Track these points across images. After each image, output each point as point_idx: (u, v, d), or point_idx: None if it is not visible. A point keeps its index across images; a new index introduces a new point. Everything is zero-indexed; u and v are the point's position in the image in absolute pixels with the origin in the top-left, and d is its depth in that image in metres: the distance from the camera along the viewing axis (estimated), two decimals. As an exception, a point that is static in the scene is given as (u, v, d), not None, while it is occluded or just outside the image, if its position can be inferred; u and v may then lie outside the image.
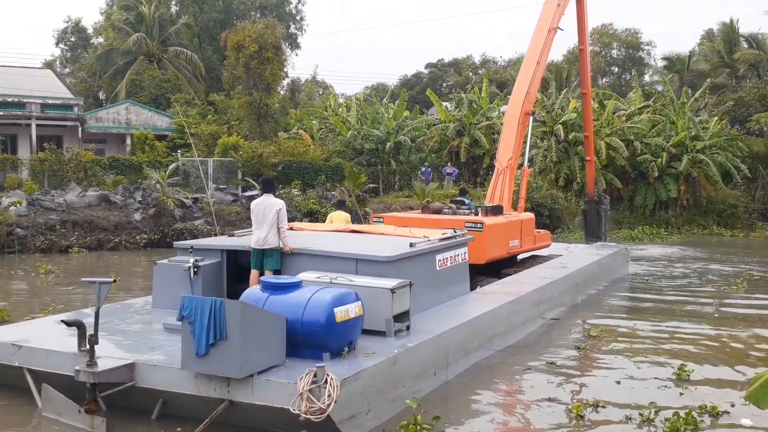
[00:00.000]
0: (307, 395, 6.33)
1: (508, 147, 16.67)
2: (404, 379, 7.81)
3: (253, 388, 6.70)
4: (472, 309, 10.38)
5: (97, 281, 7.41)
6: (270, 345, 6.98)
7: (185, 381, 7.01)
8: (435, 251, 10.52)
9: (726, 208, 31.64)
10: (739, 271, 19.21)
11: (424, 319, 9.22)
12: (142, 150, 35.84)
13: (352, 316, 7.53)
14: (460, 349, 9.22)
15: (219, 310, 6.62)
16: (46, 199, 23.90)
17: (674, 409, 7.65)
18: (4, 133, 35.92)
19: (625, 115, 32.89)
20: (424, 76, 71.49)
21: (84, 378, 7.02)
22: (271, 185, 10.42)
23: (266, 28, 36.88)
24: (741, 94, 39.61)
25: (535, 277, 13.35)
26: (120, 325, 9.16)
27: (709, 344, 11.13)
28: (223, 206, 26.01)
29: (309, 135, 38.79)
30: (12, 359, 7.98)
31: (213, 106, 43.38)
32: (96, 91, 54.62)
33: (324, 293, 7.53)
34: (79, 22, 58.48)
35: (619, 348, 10.79)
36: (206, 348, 6.65)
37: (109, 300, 12.10)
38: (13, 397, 8.08)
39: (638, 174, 31.20)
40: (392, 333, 8.31)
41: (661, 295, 15.50)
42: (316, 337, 7.28)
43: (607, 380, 9.12)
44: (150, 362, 7.37)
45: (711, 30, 58.00)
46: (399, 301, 8.44)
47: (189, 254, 10.06)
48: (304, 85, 65.70)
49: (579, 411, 7.63)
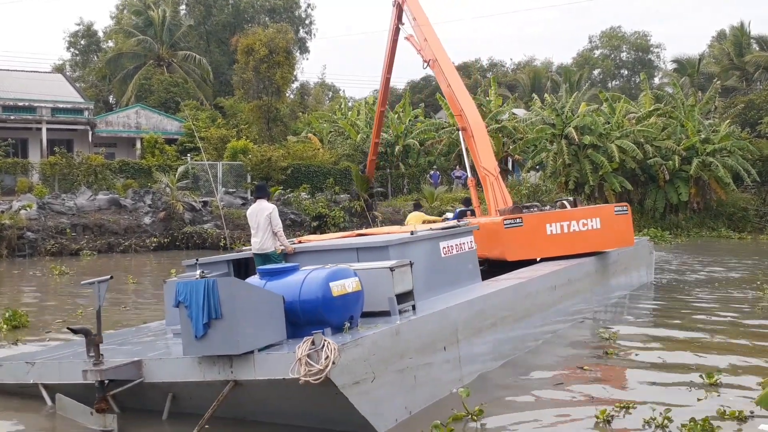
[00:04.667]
0: (306, 360, 6.43)
1: (490, 155, 17.46)
2: (410, 350, 7.79)
3: (255, 365, 6.76)
4: (480, 291, 10.40)
5: (95, 281, 7.50)
6: (268, 323, 7.06)
7: (190, 368, 7.07)
8: (438, 238, 10.57)
9: (736, 211, 31.50)
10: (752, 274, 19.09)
11: (432, 302, 9.23)
12: (152, 154, 35.98)
13: (349, 290, 7.59)
14: (468, 326, 9.20)
15: (212, 289, 6.69)
16: (57, 202, 24.01)
17: (703, 414, 7.58)
18: (15, 137, 36.12)
19: (635, 119, 32.80)
20: (433, 80, 71.44)
21: (92, 377, 7.06)
22: (264, 190, 10.50)
23: (278, 33, 37.01)
24: (751, 97, 39.43)
25: (551, 265, 13.35)
26: (133, 340, 9.31)
27: (738, 347, 11.04)
28: (233, 210, 26.06)
29: (318, 138, 38.86)
30: (27, 377, 8.11)
31: (221, 111, 43.54)
32: (106, 95, 54.95)
33: (319, 271, 7.66)
34: (92, 26, 58.91)
35: (644, 352, 10.74)
36: (204, 329, 6.71)
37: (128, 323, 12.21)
38: (25, 397, 8.15)
39: (648, 177, 31.08)
40: (396, 311, 8.28)
41: (688, 299, 15.39)
42: (315, 313, 7.35)
43: (633, 384, 9.06)
44: (156, 357, 7.50)
45: (723, 31, 57.81)
46: (400, 279, 8.44)
47: (195, 267, 10.11)
48: (313, 88, 65.86)
49: (605, 416, 7.62)
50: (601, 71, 74.90)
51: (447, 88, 18.74)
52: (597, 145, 30.25)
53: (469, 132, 17.72)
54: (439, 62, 19.04)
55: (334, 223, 26.95)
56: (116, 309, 13.87)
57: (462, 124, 18.12)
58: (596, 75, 74.09)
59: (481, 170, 17.37)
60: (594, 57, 75.30)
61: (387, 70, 24.13)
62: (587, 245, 14.34)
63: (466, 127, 17.85)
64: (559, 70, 67.82)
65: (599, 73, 75.00)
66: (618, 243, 14.84)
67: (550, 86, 55.82)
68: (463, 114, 18.03)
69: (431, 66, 19.51)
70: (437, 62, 19.08)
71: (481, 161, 17.32)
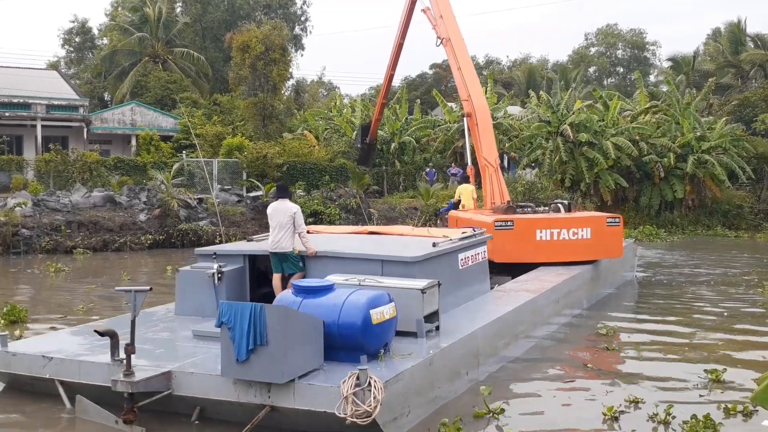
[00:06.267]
0: (352, 398, 6.36)
1: (492, 146, 17.26)
2: (440, 379, 7.82)
3: (294, 394, 6.67)
4: (497, 307, 10.40)
5: (132, 290, 7.34)
6: (308, 349, 6.93)
7: (224, 387, 6.96)
8: (458, 250, 10.56)
9: (731, 209, 31.54)
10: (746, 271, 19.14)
11: (450, 318, 9.20)
12: (147, 151, 35.91)
13: (387, 317, 7.50)
14: (489, 347, 9.25)
15: (259, 315, 6.57)
16: (52, 199, 23.95)
17: (707, 409, 7.61)
18: (10, 134, 35.98)
19: (630, 116, 32.80)
20: (429, 77, 71.43)
21: (122, 388, 6.94)
22: (286, 190, 10.41)
23: (273, 30, 36.93)
24: (747, 95, 39.47)
25: (551, 273, 13.34)
26: (147, 333, 9.03)
27: (738, 343, 11.08)
28: (228, 207, 26.02)
29: (314, 136, 38.80)
30: (43, 371, 7.95)
31: (218, 106, 43.46)
32: (101, 92, 54.77)
33: (359, 295, 7.48)
34: (86, 23, 58.71)
35: (644, 348, 10.79)
36: (247, 354, 6.61)
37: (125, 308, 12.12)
38: (43, 399, 8.03)
39: (643, 174, 31.12)
40: (423, 334, 8.29)
41: (687, 296, 15.41)
42: (353, 339, 7.24)
43: (636, 380, 9.11)
44: (187, 370, 7.32)
45: (718, 29, 57.86)
46: (429, 301, 8.43)
47: (213, 260, 10.03)
48: (309, 85, 65.72)
49: (612, 413, 7.67)
50: (597, 69, 74.93)
51: (457, 71, 18.35)
52: (592, 142, 30.26)
53: (474, 119, 17.47)
54: (452, 42, 18.49)
55: (329, 220, 26.94)
56: (116, 301, 13.85)
57: (468, 109, 17.75)
58: (592, 72, 74.13)
59: (481, 160, 17.24)
60: (590, 54, 75.32)
61: (401, 36, 22.99)
62: (575, 255, 14.25)
63: (472, 113, 17.56)
64: (555, 68, 67.84)
65: (595, 70, 75.04)
66: (606, 254, 14.73)
67: (546, 84, 55.82)
68: (470, 99, 17.74)
69: (444, 45, 18.90)
70: (450, 42, 18.53)
71: (482, 150, 17.16)
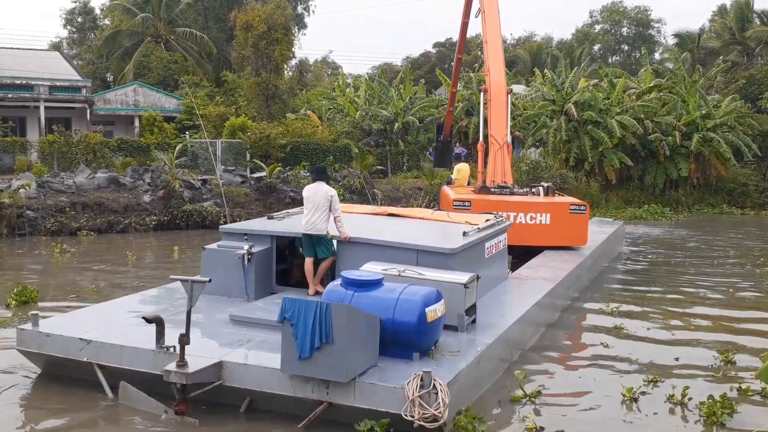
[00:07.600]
0: (419, 401, 6.39)
1: (502, 123, 17.02)
2: (484, 375, 7.93)
3: (355, 392, 6.68)
4: (523, 299, 10.46)
5: (189, 280, 7.31)
6: (367, 346, 6.97)
7: (280, 382, 6.95)
8: (485, 239, 10.61)
9: (736, 187, 31.46)
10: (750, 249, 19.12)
11: (480, 308, 9.17)
12: (150, 132, 35.84)
13: (439, 315, 7.53)
14: (518, 340, 9.38)
15: (325, 313, 6.59)
16: (56, 181, 23.97)
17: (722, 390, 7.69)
18: (13, 116, 35.98)
19: (635, 94, 32.60)
20: (432, 56, 71.00)
21: (176, 379, 6.91)
22: (324, 172, 10.35)
23: (276, 9, 36.70)
24: (753, 72, 39.18)
25: (560, 260, 13.48)
26: (178, 315, 8.76)
27: (746, 321, 11.09)
28: (232, 188, 26.00)
29: (317, 116, 38.67)
30: (80, 354, 7.86)
31: (222, 86, 43.27)
32: (103, 73, 54.59)
33: (412, 292, 7.45)
34: (88, 2, 58.43)
35: (655, 328, 10.83)
36: (310, 351, 6.63)
37: (145, 286, 12.11)
38: (80, 386, 7.96)
39: (648, 153, 30.99)
40: (464, 328, 8.36)
41: (686, 275, 15.42)
42: (407, 336, 7.25)
43: (650, 362, 9.18)
44: (240, 362, 7.28)
45: (724, 6, 57.33)
46: (470, 295, 8.50)
47: (244, 240, 9.99)
48: (312, 65, 65.42)
49: (631, 394, 7.76)
50: (602, 47, 74.34)
51: (485, 44, 18.47)
52: (597, 120, 30.12)
53: (489, 94, 17.46)
54: (486, 15, 18.49)
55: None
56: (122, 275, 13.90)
57: (486, 84, 17.83)
58: (596, 50, 73.56)
59: (490, 137, 17.25)
60: (594, 32, 74.72)
61: (465, 14, 22.65)
62: (533, 239, 14.31)
63: (488, 89, 17.54)
64: (560, 46, 67.35)
65: (599, 48, 74.45)
66: (569, 241, 14.72)
67: (550, 62, 55.45)
68: (488, 74, 17.78)
69: (482, 16, 18.88)
70: (485, 14, 18.52)
71: (491, 127, 17.14)
